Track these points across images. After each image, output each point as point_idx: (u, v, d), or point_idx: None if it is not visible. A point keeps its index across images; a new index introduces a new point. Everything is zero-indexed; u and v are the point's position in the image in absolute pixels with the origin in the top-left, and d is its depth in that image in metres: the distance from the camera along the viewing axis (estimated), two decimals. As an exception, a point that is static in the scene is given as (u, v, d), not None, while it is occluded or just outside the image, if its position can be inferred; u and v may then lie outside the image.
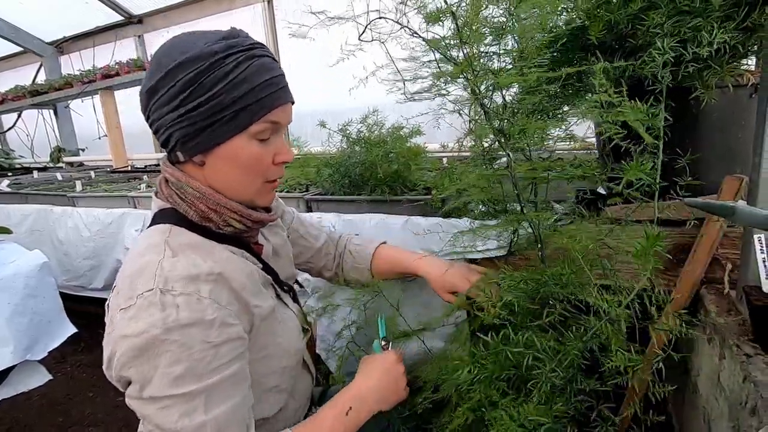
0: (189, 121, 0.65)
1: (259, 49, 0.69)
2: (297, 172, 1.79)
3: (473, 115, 0.80)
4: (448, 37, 0.74)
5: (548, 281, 0.72)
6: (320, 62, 2.99)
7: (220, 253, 0.72)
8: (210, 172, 0.71)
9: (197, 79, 0.64)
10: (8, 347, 1.31)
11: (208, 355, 0.61)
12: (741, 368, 0.67)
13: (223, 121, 0.66)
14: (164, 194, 0.74)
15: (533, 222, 0.82)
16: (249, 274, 0.74)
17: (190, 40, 0.67)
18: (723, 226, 0.84)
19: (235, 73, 0.65)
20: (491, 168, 0.83)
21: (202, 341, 0.61)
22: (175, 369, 0.59)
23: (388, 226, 1.32)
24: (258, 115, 0.67)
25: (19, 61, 4.60)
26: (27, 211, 2.19)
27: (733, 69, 0.83)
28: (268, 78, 0.68)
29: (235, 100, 0.65)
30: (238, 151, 0.69)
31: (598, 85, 0.58)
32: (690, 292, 0.87)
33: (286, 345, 0.78)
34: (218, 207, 0.71)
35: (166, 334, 0.59)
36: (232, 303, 0.67)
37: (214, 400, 0.62)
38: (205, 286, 0.64)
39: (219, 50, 0.65)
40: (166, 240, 0.68)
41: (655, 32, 0.66)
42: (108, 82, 3.20)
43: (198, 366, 0.61)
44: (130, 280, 0.64)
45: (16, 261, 1.43)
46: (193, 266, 0.65)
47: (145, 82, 0.68)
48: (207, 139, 0.67)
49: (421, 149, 1.42)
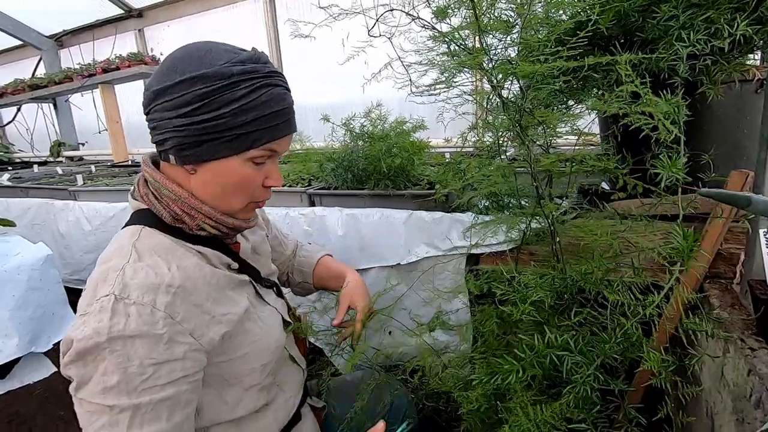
0: (191, 132, 0.66)
1: (276, 78, 0.70)
2: (299, 167, 1.79)
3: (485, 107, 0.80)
4: (463, 26, 0.74)
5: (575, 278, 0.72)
6: (323, 57, 2.99)
7: (188, 259, 0.71)
8: (198, 181, 0.71)
9: (209, 96, 0.64)
10: (13, 339, 1.31)
11: (146, 372, 0.60)
12: (746, 362, 0.67)
13: (224, 140, 0.67)
14: (140, 194, 0.74)
15: (551, 215, 0.81)
16: (216, 283, 0.73)
17: (211, 53, 0.66)
18: (728, 221, 0.84)
19: (247, 99, 0.65)
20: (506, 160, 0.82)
21: (144, 356, 0.60)
22: (110, 379, 0.58)
23: (391, 220, 1.32)
24: (260, 142, 0.68)
25: (19, 55, 4.57)
26: (28, 204, 2.18)
27: (740, 64, 0.83)
28: (278, 109, 0.69)
29: (242, 124, 0.66)
30: (232, 170, 0.69)
31: (624, 76, 0.57)
32: (695, 286, 0.88)
33: (263, 344, 0.77)
34: (192, 211, 0.71)
35: (109, 342, 0.58)
36: (189, 319, 0.66)
37: (138, 420, 0.60)
38: (162, 297, 0.63)
39: (237, 72, 0.65)
40: (134, 243, 0.68)
41: (668, 25, 0.65)
42: (108, 76, 3.19)
43: (132, 381, 0.59)
44: (95, 285, 0.63)
45: (20, 253, 1.43)
46: (154, 275, 0.64)
47: (153, 80, 0.68)
48: (204, 152, 0.67)
49: (425, 144, 1.41)
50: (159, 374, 0.61)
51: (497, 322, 0.84)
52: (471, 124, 1.07)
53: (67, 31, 4.08)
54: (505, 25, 0.72)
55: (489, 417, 0.85)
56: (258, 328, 0.77)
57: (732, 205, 0.47)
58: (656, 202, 0.70)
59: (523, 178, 1.02)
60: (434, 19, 0.79)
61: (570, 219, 0.99)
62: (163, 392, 0.62)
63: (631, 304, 0.64)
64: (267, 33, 3.15)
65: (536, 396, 0.70)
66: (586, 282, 0.72)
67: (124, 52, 3.23)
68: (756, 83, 0.91)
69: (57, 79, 3.49)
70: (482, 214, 1.20)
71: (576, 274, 0.72)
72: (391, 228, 1.31)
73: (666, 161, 0.57)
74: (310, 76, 3.09)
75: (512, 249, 1.13)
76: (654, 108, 0.55)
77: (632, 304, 0.64)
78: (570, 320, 0.69)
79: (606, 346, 0.63)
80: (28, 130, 4.57)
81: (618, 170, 0.73)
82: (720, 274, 0.91)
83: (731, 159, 0.94)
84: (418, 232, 1.28)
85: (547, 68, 0.63)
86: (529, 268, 0.80)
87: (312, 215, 1.46)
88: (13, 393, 1.71)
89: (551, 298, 0.70)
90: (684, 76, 0.63)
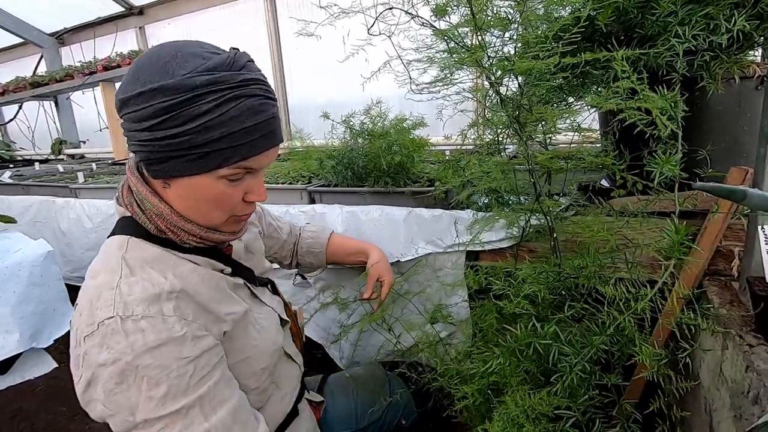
0: (155, 147, 0.61)
1: (253, 86, 0.62)
2: (299, 165, 1.79)
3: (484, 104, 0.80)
4: (461, 24, 0.73)
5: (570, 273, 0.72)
6: (323, 55, 2.99)
7: (181, 266, 0.69)
8: (173, 195, 0.67)
9: (171, 111, 0.58)
10: (14, 335, 1.32)
11: (188, 370, 0.60)
12: (744, 358, 0.67)
13: (190, 158, 0.61)
14: (125, 201, 0.70)
15: (549, 211, 0.81)
16: (215, 285, 0.72)
17: (176, 59, 0.60)
18: (727, 218, 0.84)
19: (213, 114, 0.59)
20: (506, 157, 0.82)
21: (177, 358, 0.60)
22: (158, 391, 0.58)
23: (391, 217, 1.32)
24: (230, 160, 0.62)
25: (20, 53, 4.57)
26: (29, 202, 2.19)
27: (739, 60, 0.83)
28: (251, 124, 0.62)
29: (208, 141, 0.60)
30: (204, 187, 0.65)
31: (620, 72, 0.57)
32: (693, 283, 0.88)
33: (262, 347, 0.77)
34: (175, 228, 0.68)
35: (137, 359, 0.57)
36: (199, 317, 0.66)
37: (210, 406, 0.62)
38: (167, 304, 0.62)
39: (200, 84, 0.58)
40: (123, 256, 0.65)
41: (667, 21, 0.65)
42: (109, 74, 3.19)
43: (180, 382, 0.59)
44: (90, 303, 0.61)
45: (21, 250, 1.44)
46: (152, 286, 0.62)
47: (120, 88, 0.63)
48: (171, 169, 0.63)
49: (425, 141, 1.41)
50: (200, 366, 0.62)
51: (496, 317, 0.85)
52: (471, 121, 1.07)
53: (68, 28, 4.08)
54: (503, 22, 0.72)
55: (487, 410, 0.85)
56: (256, 332, 0.77)
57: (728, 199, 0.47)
58: (653, 198, 0.69)
59: (523, 175, 1.02)
60: (433, 17, 0.79)
61: (569, 216, 1.00)
62: (213, 377, 0.64)
63: (625, 297, 0.64)
64: (267, 31, 3.15)
65: (531, 390, 0.70)
66: (580, 277, 0.72)
67: (125, 49, 3.24)
68: (756, 80, 0.91)
69: (58, 76, 3.49)
70: (482, 212, 1.20)
71: (570, 269, 0.73)
72: (391, 225, 1.32)
73: (661, 157, 0.56)
74: (311, 74, 3.09)
75: (512, 246, 1.13)
76: (650, 103, 0.55)
77: (626, 298, 0.64)
78: (563, 313, 0.69)
79: (595, 338, 0.63)
80: (30, 128, 4.58)
81: (616, 167, 0.72)
82: (719, 271, 0.91)
83: (731, 155, 0.94)
84: (418, 229, 1.28)
85: (544, 65, 0.63)
86: (526, 264, 0.80)
87: (312, 212, 1.47)
88: (16, 389, 1.72)
89: (546, 292, 0.71)
90: (681, 72, 0.62)
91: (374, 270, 1.15)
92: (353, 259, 1.23)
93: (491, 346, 0.76)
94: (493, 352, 0.69)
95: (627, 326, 0.63)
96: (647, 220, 0.77)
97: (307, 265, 1.24)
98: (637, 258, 0.77)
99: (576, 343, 0.65)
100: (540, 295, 0.70)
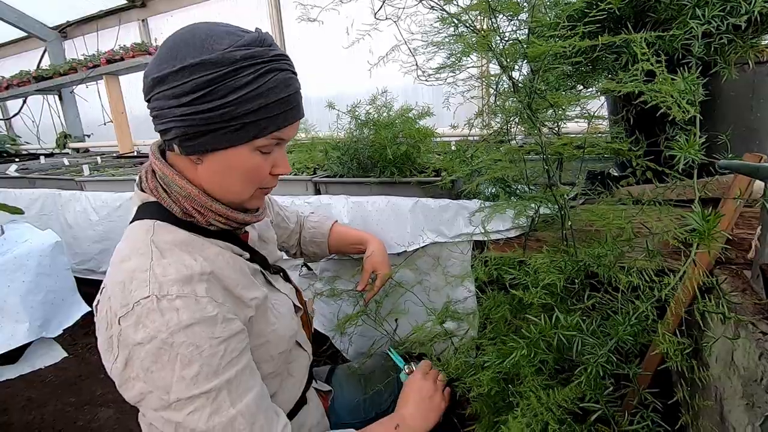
0: (194, 121, 0.63)
1: (282, 62, 0.66)
2: (304, 156, 1.79)
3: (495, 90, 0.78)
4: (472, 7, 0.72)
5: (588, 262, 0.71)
6: (327, 46, 2.97)
7: (208, 249, 0.71)
8: (204, 172, 0.69)
9: (212, 84, 0.61)
10: (24, 324, 1.33)
11: (219, 350, 0.61)
12: (757, 346, 0.67)
13: (230, 130, 0.64)
14: (149, 186, 0.71)
15: (563, 199, 0.80)
16: (240, 269, 0.74)
17: (212, 36, 0.62)
18: (740, 205, 0.83)
19: (252, 86, 0.62)
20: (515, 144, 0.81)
21: (209, 338, 0.61)
22: (191, 370, 0.59)
23: (397, 208, 1.32)
24: (267, 131, 0.66)
25: (23, 46, 4.58)
26: (36, 195, 2.19)
27: (755, 44, 0.81)
28: (285, 96, 0.66)
29: (247, 113, 0.63)
30: (239, 160, 0.67)
31: (639, 54, 0.56)
32: (706, 270, 0.87)
33: (281, 331, 0.78)
34: (203, 209, 0.70)
35: (172, 337, 0.59)
36: (227, 300, 0.67)
37: (236, 392, 0.62)
38: (200, 285, 0.64)
39: (240, 58, 0.61)
40: (152, 239, 0.67)
41: (681, 3, 0.64)
42: (112, 67, 3.18)
43: (212, 362, 0.60)
44: (123, 285, 0.62)
45: (29, 240, 1.45)
46: (184, 267, 0.64)
47: (153, 66, 0.65)
48: (208, 142, 0.65)
49: (431, 131, 1.40)
50: (230, 348, 0.63)
51: (509, 307, 0.84)
52: (478, 109, 1.06)
53: (71, 22, 4.08)
54: (516, 5, 0.71)
55: (496, 402, 0.85)
56: (274, 316, 0.78)
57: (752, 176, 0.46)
58: (671, 185, 0.68)
59: (532, 164, 1.01)
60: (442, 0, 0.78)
61: (579, 204, 0.99)
62: (240, 362, 0.64)
63: (646, 286, 0.63)
64: (270, 22, 3.13)
65: (546, 381, 0.70)
66: (599, 266, 0.71)
67: (128, 42, 3.23)
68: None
69: (62, 70, 3.49)
70: (489, 201, 1.19)
71: (589, 258, 0.71)
72: (397, 215, 1.31)
73: (683, 142, 0.55)
74: (315, 66, 3.07)
75: (520, 235, 1.12)
76: (670, 87, 0.54)
77: (646, 287, 0.63)
78: (583, 303, 0.68)
79: (620, 328, 0.62)
80: (34, 122, 4.59)
81: (632, 152, 0.71)
82: (730, 259, 0.90)
83: (744, 142, 0.93)
84: (424, 219, 1.28)
85: (560, 47, 0.61)
86: (540, 253, 0.79)
87: (318, 203, 1.46)
88: (26, 379, 1.74)
89: (562, 281, 0.70)
90: (699, 55, 0.61)
91: (368, 263, 1.14)
92: (354, 249, 1.24)
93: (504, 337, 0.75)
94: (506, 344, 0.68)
95: (649, 315, 0.62)
96: (662, 208, 0.76)
97: (310, 254, 1.25)
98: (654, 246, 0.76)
99: (600, 334, 0.64)
100: (559, 285, 0.69)
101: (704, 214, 0.54)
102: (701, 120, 0.77)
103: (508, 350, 0.67)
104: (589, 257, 0.71)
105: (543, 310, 0.74)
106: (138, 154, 3.31)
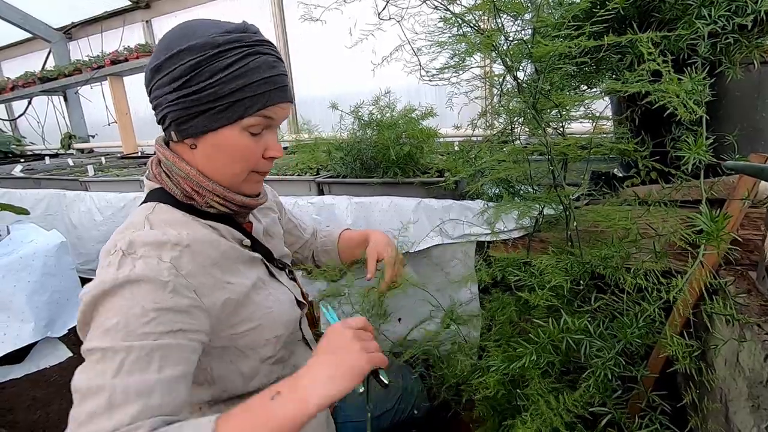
0: (185, 104, 0.68)
1: (265, 47, 0.71)
2: (307, 157, 1.79)
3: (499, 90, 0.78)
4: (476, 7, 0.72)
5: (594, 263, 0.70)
6: (330, 48, 2.97)
7: (199, 229, 0.73)
8: (200, 156, 0.73)
9: (198, 66, 0.66)
10: (29, 324, 1.34)
11: (147, 315, 0.58)
12: (763, 347, 0.66)
13: (217, 110, 0.68)
14: (154, 173, 0.76)
15: (568, 200, 0.80)
16: (224, 252, 0.74)
17: (200, 27, 0.69)
18: (745, 206, 0.82)
19: (235, 67, 0.67)
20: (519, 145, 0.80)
21: (147, 300, 0.59)
22: (110, 320, 0.57)
23: (400, 208, 1.32)
24: (252, 109, 0.69)
25: (29, 48, 4.60)
26: (41, 195, 2.21)
27: (760, 44, 0.80)
28: (268, 76, 0.70)
29: (232, 91, 0.67)
30: (229, 140, 0.71)
31: (646, 54, 0.56)
32: (712, 272, 0.86)
33: (277, 315, 0.79)
34: (200, 189, 0.73)
35: (114, 288, 0.59)
36: (194, 275, 0.66)
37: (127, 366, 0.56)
38: (168, 252, 0.65)
39: (224, 42, 0.67)
40: (148, 216, 0.70)
41: (686, 3, 0.63)
42: (117, 68, 3.20)
43: (131, 323, 0.57)
44: (107, 252, 0.65)
45: (35, 240, 1.45)
46: (162, 234, 0.66)
47: (151, 59, 0.70)
48: (200, 124, 0.69)
49: (434, 131, 1.40)
50: (160, 321, 0.59)
51: (514, 309, 0.83)
52: (482, 110, 1.06)
53: (75, 23, 4.10)
54: (520, 5, 0.70)
55: (501, 404, 0.84)
56: (270, 301, 0.79)
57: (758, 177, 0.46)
58: (678, 186, 0.68)
59: (536, 165, 1.00)
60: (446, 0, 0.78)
61: (583, 205, 0.98)
62: (159, 340, 0.59)
63: (653, 288, 0.63)
64: (274, 22, 3.13)
65: (553, 384, 0.69)
66: (605, 267, 0.70)
67: (132, 43, 3.24)
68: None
69: (67, 71, 3.51)
70: (493, 202, 1.19)
71: (595, 259, 0.71)
72: (401, 215, 1.31)
73: (691, 143, 0.55)
74: (318, 66, 3.08)
75: (523, 236, 1.12)
76: (677, 86, 0.54)
77: (653, 289, 0.63)
78: (590, 305, 0.67)
79: (627, 330, 0.61)
80: (39, 123, 4.61)
81: (638, 153, 0.71)
82: (735, 259, 0.90)
83: (749, 143, 0.92)
84: (428, 219, 1.28)
85: (565, 47, 0.61)
86: (545, 255, 0.79)
87: (321, 204, 1.46)
88: (31, 379, 1.75)
89: (569, 283, 0.69)
90: (705, 55, 0.61)
91: (371, 250, 1.07)
92: (361, 250, 1.22)
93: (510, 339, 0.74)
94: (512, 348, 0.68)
95: (657, 317, 0.61)
96: (667, 209, 0.76)
97: (323, 264, 1.22)
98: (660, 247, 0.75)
99: (608, 337, 0.64)
100: (565, 286, 0.68)
101: (712, 215, 0.54)
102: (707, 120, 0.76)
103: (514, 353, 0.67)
104: (596, 258, 0.71)
105: (549, 311, 0.73)
106: (142, 155, 3.32)
